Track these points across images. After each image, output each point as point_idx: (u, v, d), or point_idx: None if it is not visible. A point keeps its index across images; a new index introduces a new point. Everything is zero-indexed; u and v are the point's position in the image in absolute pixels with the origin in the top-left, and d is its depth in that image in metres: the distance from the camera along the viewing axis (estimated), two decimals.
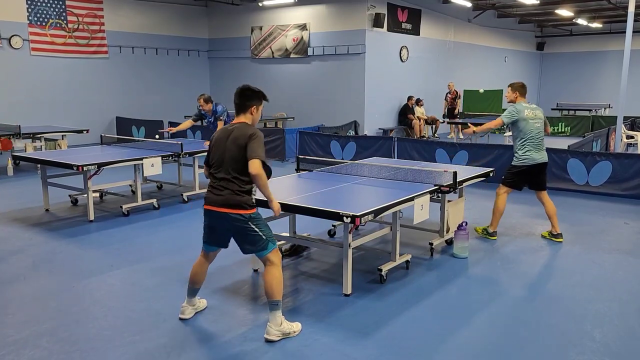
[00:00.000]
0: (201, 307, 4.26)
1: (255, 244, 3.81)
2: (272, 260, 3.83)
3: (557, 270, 5.28)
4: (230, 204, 3.73)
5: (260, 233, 3.79)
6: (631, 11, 10.96)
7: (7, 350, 3.63)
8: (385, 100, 15.66)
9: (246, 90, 3.90)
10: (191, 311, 4.17)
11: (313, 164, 6.45)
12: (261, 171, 3.67)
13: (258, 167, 3.65)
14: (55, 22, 14.00)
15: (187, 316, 4.14)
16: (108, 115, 15.39)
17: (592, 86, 23.89)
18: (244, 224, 3.75)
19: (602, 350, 3.70)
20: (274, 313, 3.79)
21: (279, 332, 3.78)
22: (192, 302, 4.18)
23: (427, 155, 10.08)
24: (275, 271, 3.81)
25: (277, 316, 3.79)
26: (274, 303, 3.78)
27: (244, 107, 3.88)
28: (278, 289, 3.79)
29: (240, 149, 3.71)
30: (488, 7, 17.99)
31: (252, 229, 3.76)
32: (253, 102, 3.89)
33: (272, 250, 3.84)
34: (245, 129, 3.78)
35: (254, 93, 3.91)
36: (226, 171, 3.76)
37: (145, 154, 7.43)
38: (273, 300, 3.78)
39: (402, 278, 4.99)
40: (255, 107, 3.90)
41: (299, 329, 3.89)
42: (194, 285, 4.13)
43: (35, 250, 5.80)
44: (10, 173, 10.12)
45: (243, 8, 16.67)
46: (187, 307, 4.16)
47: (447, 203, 5.79)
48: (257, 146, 3.70)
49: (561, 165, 8.90)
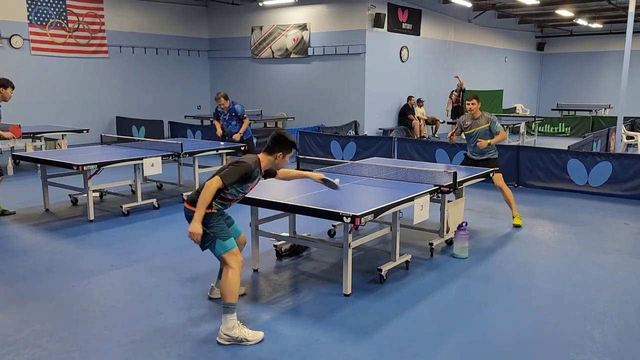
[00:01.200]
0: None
1: (205, 240, 3.81)
2: (228, 263, 3.83)
3: (557, 271, 5.28)
4: (190, 201, 3.84)
5: (207, 230, 3.77)
6: (631, 12, 10.96)
7: (7, 350, 3.63)
8: (385, 100, 15.66)
9: (281, 137, 3.94)
10: (218, 292, 4.27)
11: (313, 164, 6.46)
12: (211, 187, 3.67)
13: (213, 182, 3.68)
14: (56, 22, 14.00)
15: (214, 296, 4.36)
16: (108, 115, 15.39)
17: (592, 86, 23.89)
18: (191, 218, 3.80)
19: (602, 350, 3.70)
20: (225, 316, 3.75)
21: (228, 336, 3.71)
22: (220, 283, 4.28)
23: (427, 155, 10.08)
24: (230, 274, 3.79)
25: (229, 319, 3.73)
26: (225, 305, 3.76)
27: (270, 150, 3.94)
28: (230, 292, 3.75)
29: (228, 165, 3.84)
30: (488, 7, 17.99)
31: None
32: (281, 149, 3.93)
33: (227, 252, 3.82)
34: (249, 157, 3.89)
35: (286, 142, 3.94)
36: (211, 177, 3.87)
37: (145, 154, 7.43)
38: (225, 302, 3.77)
39: (402, 278, 4.99)
40: (282, 155, 3.95)
41: (258, 338, 3.75)
42: None
43: (35, 249, 5.80)
44: (10, 172, 10.10)
45: (243, 8, 16.67)
46: (214, 288, 4.40)
47: (447, 203, 5.79)
48: (233, 169, 3.75)
49: (561, 165, 8.90)
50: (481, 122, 6.80)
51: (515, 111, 21.34)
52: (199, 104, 17.73)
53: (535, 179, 9.15)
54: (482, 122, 6.80)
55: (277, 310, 4.30)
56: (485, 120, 6.79)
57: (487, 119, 6.79)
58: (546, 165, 9.04)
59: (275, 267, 5.30)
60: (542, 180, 9.08)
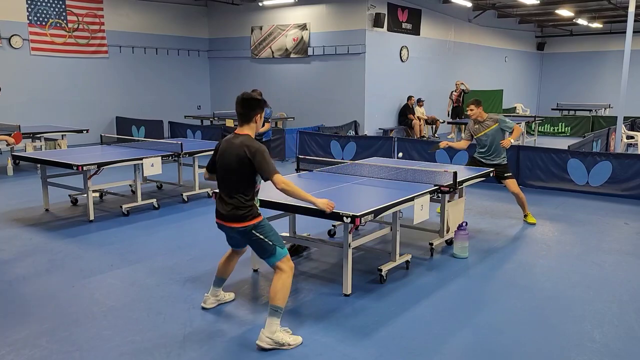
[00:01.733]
0: (226, 299, 4.35)
1: (262, 250, 3.82)
2: (282, 268, 3.80)
3: (557, 271, 5.27)
4: (234, 218, 3.78)
5: (266, 239, 3.80)
6: (631, 11, 10.96)
7: (7, 350, 3.63)
8: (385, 100, 15.66)
9: (250, 99, 3.85)
10: (213, 302, 4.26)
11: (313, 164, 6.45)
12: (286, 183, 3.70)
13: (281, 181, 3.69)
14: (55, 22, 14.00)
15: (209, 306, 4.25)
16: (108, 115, 15.39)
17: (592, 86, 23.89)
18: (249, 233, 3.79)
19: (602, 350, 3.70)
20: (272, 319, 3.69)
21: (271, 340, 3.64)
22: (215, 292, 4.26)
23: (427, 155, 10.07)
24: (285, 277, 3.77)
25: (274, 323, 3.68)
26: (273, 308, 3.70)
27: (247, 117, 3.84)
28: (282, 296, 3.71)
29: (243, 165, 3.71)
30: (488, 7, 17.98)
31: (257, 236, 3.79)
32: (257, 110, 3.86)
33: (282, 258, 3.81)
34: (248, 143, 3.74)
35: (257, 102, 3.87)
36: (230, 186, 3.80)
37: (145, 154, 7.43)
38: (273, 304, 3.70)
39: (402, 278, 4.99)
40: (259, 115, 3.89)
41: (297, 342, 3.71)
42: (220, 275, 4.24)
43: (35, 250, 5.80)
44: (10, 173, 10.12)
45: (243, 8, 16.67)
46: (209, 297, 4.27)
47: (447, 203, 5.79)
48: (266, 163, 3.69)
49: (561, 165, 8.90)
50: (489, 124, 6.77)
51: (515, 111, 21.35)
52: (198, 104, 17.73)
53: (535, 179, 9.15)
54: (490, 123, 6.77)
55: None
56: (493, 121, 6.77)
57: (494, 120, 6.78)
58: (546, 165, 9.04)
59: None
60: (542, 180, 9.08)
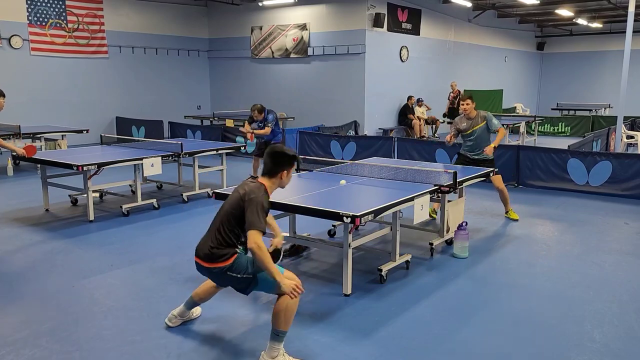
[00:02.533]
0: (195, 314, 4.08)
1: (245, 286, 3.50)
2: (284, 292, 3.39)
3: (557, 271, 5.27)
4: (208, 258, 3.48)
5: (244, 275, 3.45)
6: (631, 11, 10.96)
7: (7, 350, 3.63)
8: (385, 100, 15.66)
9: (279, 153, 3.56)
10: (178, 321, 3.96)
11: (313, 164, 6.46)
12: (259, 244, 3.24)
13: (255, 239, 3.26)
14: (55, 22, 14.00)
15: (173, 325, 3.95)
16: (108, 115, 15.39)
17: (592, 86, 23.89)
18: (224, 274, 3.49)
19: (602, 350, 3.70)
20: (273, 343, 3.41)
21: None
22: (184, 313, 3.97)
23: (427, 155, 10.08)
24: (289, 301, 3.36)
25: (275, 348, 3.41)
26: (275, 332, 3.40)
27: (273, 172, 3.55)
28: (287, 320, 3.38)
29: (237, 208, 3.42)
30: (488, 7, 17.98)
31: (233, 276, 3.48)
32: (285, 167, 3.56)
33: (277, 285, 3.33)
34: (250, 189, 3.44)
35: (287, 158, 3.58)
36: (218, 224, 3.52)
37: (145, 154, 7.43)
38: (276, 329, 3.39)
39: (402, 278, 4.99)
40: (286, 172, 3.58)
41: None
42: (195, 299, 3.93)
43: (35, 250, 5.80)
44: (10, 173, 10.12)
45: (243, 8, 16.67)
46: (174, 317, 3.96)
47: (447, 203, 5.79)
48: (252, 214, 3.32)
49: (561, 165, 8.90)
50: (478, 122, 6.83)
51: (515, 111, 21.34)
52: (198, 104, 17.73)
53: (535, 179, 9.15)
54: (478, 121, 6.83)
55: None
56: (481, 119, 6.83)
57: (483, 117, 6.83)
58: (546, 165, 9.04)
59: None
60: (542, 180, 9.08)
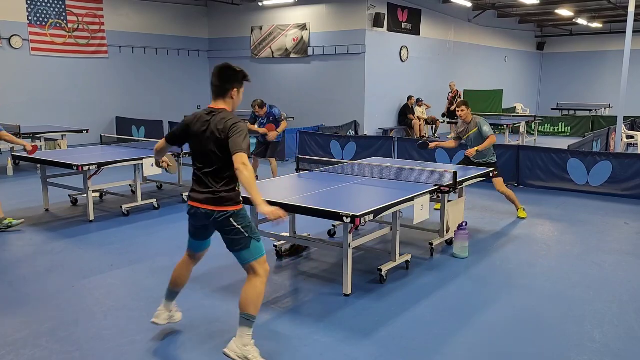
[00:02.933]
0: (176, 319, 3.90)
1: (236, 242, 3.38)
2: (256, 271, 3.40)
3: (557, 271, 5.27)
4: (213, 201, 3.36)
5: (242, 229, 3.37)
6: (631, 11, 10.96)
7: (7, 350, 3.63)
8: (385, 100, 15.66)
9: (227, 69, 3.39)
10: (166, 317, 3.82)
11: (313, 164, 6.46)
12: (246, 164, 3.18)
13: (241, 161, 3.19)
14: (55, 22, 14.00)
15: (161, 322, 3.80)
16: (108, 115, 15.39)
17: (592, 86, 23.89)
18: (226, 220, 3.37)
19: (602, 350, 3.70)
20: (243, 329, 3.34)
21: (240, 352, 3.31)
22: (169, 306, 3.83)
23: (427, 155, 10.07)
24: (258, 282, 3.37)
25: (246, 335, 3.34)
26: (245, 317, 3.34)
27: (223, 91, 3.39)
28: (255, 303, 3.34)
29: (221, 142, 3.29)
30: (488, 7, 17.99)
31: (234, 225, 3.36)
32: (234, 84, 3.40)
33: (258, 259, 3.40)
34: (226, 117, 3.33)
35: (235, 73, 3.40)
36: (209, 166, 3.38)
37: (145, 154, 7.43)
38: (246, 313, 3.33)
39: (402, 278, 4.99)
40: (237, 90, 3.42)
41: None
42: (175, 287, 3.80)
43: (35, 250, 5.80)
44: (10, 173, 10.12)
45: (243, 8, 16.67)
46: (163, 312, 3.81)
47: (447, 203, 5.79)
48: (240, 139, 3.25)
49: (561, 165, 8.90)
50: (472, 127, 6.96)
51: (515, 111, 21.34)
52: (198, 104, 17.70)
53: (535, 179, 9.15)
54: (472, 126, 6.96)
55: (277, 310, 4.30)
56: (474, 125, 6.93)
57: (475, 124, 6.92)
58: (546, 165, 9.04)
59: (275, 267, 5.30)
60: (542, 180, 9.08)
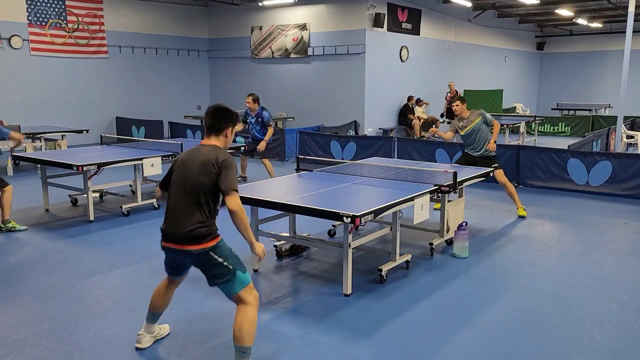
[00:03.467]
0: (163, 333, 3.81)
1: (219, 276, 3.28)
2: (245, 300, 3.29)
3: (557, 271, 5.27)
4: (192, 239, 3.25)
5: (225, 262, 3.28)
6: (631, 11, 10.96)
7: (6, 350, 3.63)
8: (385, 100, 15.66)
9: (224, 110, 3.48)
10: (149, 340, 3.68)
11: (313, 164, 6.46)
12: (242, 208, 3.20)
13: (237, 202, 3.19)
14: (55, 22, 14.00)
15: (144, 345, 3.64)
16: (108, 115, 15.39)
17: (592, 86, 23.89)
18: (206, 255, 3.27)
19: (602, 350, 3.70)
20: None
21: None
22: (150, 329, 3.69)
23: (427, 155, 10.08)
24: (249, 311, 3.26)
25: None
26: (241, 350, 3.23)
27: (218, 128, 3.44)
28: (250, 333, 3.24)
29: (210, 175, 3.25)
30: (488, 7, 17.98)
31: (215, 258, 3.27)
32: (229, 123, 3.48)
33: (245, 287, 3.29)
34: (217, 152, 3.34)
35: (231, 114, 3.50)
36: (190, 199, 3.28)
37: (145, 154, 7.43)
38: (241, 345, 3.22)
39: (402, 278, 4.99)
40: (230, 129, 3.49)
41: None
42: (155, 310, 3.65)
43: (35, 250, 5.80)
44: (10, 173, 10.12)
45: (243, 8, 16.67)
46: (144, 335, 3.66)
47: (447, 203, 5.79)
48: (232, 177, 3.25)
49: (561, 165, 8.90)
50: (473, 119, 7.11)
51: (515, 111, 21.34)
52: (198, 104, 17.72)
53: (535, 179, 9.15)
54: (473, 118, 7.11)
55: (277, 310, 4.30)
56: (476, 116, 7.11)
57: (477, 114, 7.12)
58: (546, 165, 9.04)
59: (275, 267, 5.30)
60: (542, 180, 9.08)
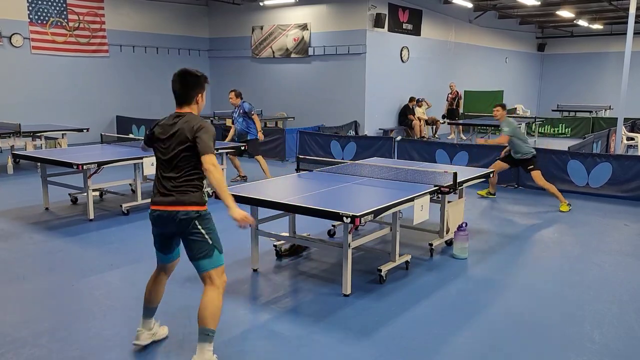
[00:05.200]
0: (161, 334, 3.76)
1: (197, 249, 3.27)
2: (214, 281, 3.28)
3: (557, 271, 5.27)
4: (176, 202, 3.24)
5: (206, 235, 3.27)
6: (632, 13, 10.95)
7: (6, 349, 3.63)
8: (386, 100, 15.66)
9: (189, 75, 3.37)
10: (147, 336, 3.63)
11: (313, 164, 6.45)
12: (216, 166, 3.17)
13: (212, 162, 3.18)
14: (56, 21, 14.00)
15: (143, 342, 3.61)
16: (108, 114, 15.39)
17: (592, 87, 23.89)
18: (190, 222, 3.24)
19: (601, 351, 3.70)
20: (203, 345, 3.22)
21: None
22: (148, 324, 3.65)
23: (427, 155, 10.08)
24: (215, 294, 3.26)
25: (207, 350, 3.22)
26: (205, 332, 3.22)
27: (188, 98, 3.37)
28: (213, 316, 3.23)
29: (189, 143, 3.24)
30: (489, 7, 17.99)
31: (198, 229, 3.25)
32: (197, 89, 3.39)
33: (218, 267, 3.30)
34: (192, 121, 3.30)
35: (197, 78, 3.38)
36: (175, 171, 3.29)
37: (145, 153, 7.40)
38: (205, 327, 3.22)
39: (401, 278, 4.99)
40: (201, 95, 3.42)
41: None
42: (149, 304, 3.61)
43: (35, 248, 5.80)
44: (10, 171, 10.12)
45: (244, 7, 16.67)
46: (142, 332, 3.61)
47: (447, 204, 5.79)
48: (207, 139, 3.22)
49: (561, 166, 8.90)
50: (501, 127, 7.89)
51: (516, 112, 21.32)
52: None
53: None
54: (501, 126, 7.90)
55: (277, 310, 4.30)
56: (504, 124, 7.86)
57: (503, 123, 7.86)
58: (546, 166, 9.03)
59: (275, 267, 5.30)
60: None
